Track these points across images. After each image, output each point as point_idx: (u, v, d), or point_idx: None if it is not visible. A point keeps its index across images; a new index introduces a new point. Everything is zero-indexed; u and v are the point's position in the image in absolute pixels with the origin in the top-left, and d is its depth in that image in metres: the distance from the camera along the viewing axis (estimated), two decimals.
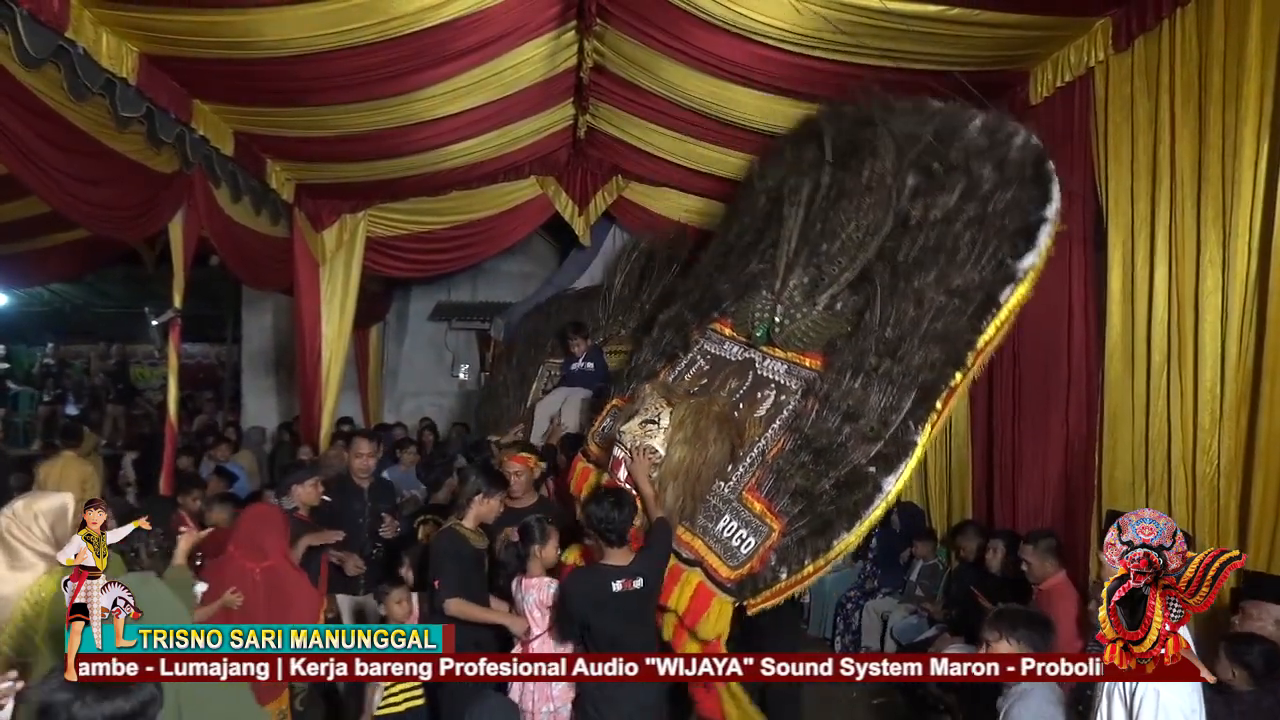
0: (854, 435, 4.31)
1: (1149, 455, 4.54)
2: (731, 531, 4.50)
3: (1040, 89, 5.54)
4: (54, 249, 8.75)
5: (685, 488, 4.68)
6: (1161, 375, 4.50)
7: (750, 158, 7.39)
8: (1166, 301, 4.48)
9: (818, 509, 4.27)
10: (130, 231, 6.44)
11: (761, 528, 4.40)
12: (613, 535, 3.97)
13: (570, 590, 3.98)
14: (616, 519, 3.97)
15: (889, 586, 7.10)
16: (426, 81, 6.04)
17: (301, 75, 5.63)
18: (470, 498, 4.56)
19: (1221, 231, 4.13)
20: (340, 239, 8.62)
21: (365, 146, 7.01)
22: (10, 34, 4.11)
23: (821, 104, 6.03)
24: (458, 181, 8.36)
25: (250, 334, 11.99)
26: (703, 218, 8.96)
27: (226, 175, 6.70)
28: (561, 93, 7.14)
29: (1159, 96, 4.56)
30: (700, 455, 4.74)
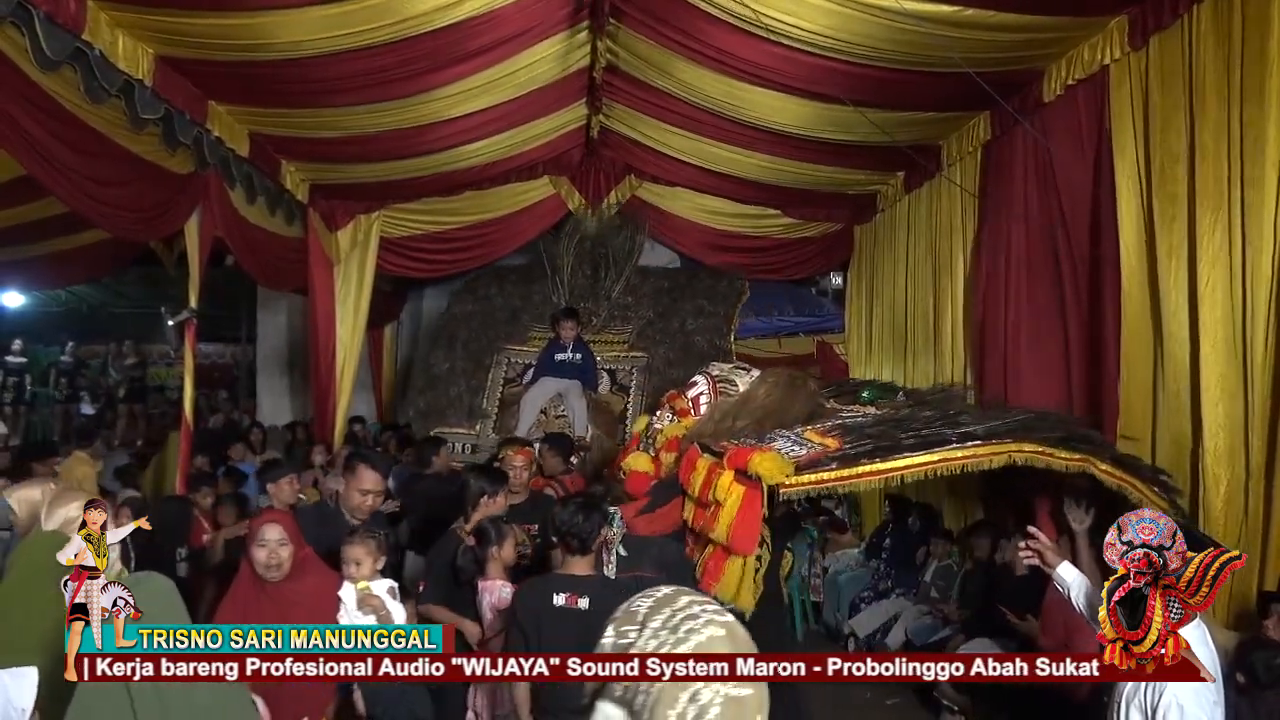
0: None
1: (1176, 458, 4.50)
2: (780, 447, 4.32)
3: (1054, 87, 5.49)
4: (74, 251, 8.81)
5: (747, 417, 4.63)
6: (1184, 376, 4.45)
7: (765, 158, 7.38)
8: (1186, 302, 4.43)
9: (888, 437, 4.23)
10: (146, 233, 6.48)
11: (815, 446, 4.25)
12: (574, 542, 3.55)
13: (518, 599, 3.63)
14: (580, 524, 3.55)
15: (903, 587, 7.08)
16: (439, 82, 6.05)
17: (315, 76, 5.65)
18: (475, 501, 4.42)
19: (1242, 231, 4.09)
20: (354, 239, 8.66)
21: (379, 147, 7.04)
22: (27, 36, 4.13)
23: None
24: (471, 182, 8.37)
25: (265, 334, 12.04)
26: (717, 217, 8.95)
27: (242, 176, 6.73)
28: (575, 92, 7.15)
29: (1176, 94, 4.51)
30: (779, 403, 4.71)
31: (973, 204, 6.63)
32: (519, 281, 8.87)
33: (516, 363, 8.04)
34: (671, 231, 9.15)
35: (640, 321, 8.27)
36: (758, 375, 5.06)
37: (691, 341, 8.04)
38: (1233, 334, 4.13)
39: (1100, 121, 5.11)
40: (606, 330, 8.25)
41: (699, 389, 4.95)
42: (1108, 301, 5.05)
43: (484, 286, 8.90)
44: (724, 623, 1.23)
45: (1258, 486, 4.06)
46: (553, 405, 7.37)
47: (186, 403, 6.64)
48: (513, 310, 8.46)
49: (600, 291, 8.44)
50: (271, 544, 3.37)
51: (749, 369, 5.14)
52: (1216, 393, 4.20)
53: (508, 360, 8.08)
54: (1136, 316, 4.80)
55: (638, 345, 8.11)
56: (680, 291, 8.58)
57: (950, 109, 6.36)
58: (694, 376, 5.18)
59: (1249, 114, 4.04)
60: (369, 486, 4.20)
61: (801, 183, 8.00)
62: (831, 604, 7.65)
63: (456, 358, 8.21)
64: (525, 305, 8.56)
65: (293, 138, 6.91)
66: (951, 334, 6.94)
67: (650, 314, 8.34)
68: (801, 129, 6.66)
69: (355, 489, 4.21)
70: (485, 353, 8.16)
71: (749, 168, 7.69)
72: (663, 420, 5.03)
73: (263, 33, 5.04)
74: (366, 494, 4.18)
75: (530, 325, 8.31)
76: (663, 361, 7.93)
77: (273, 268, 8.03)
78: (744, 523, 3.96)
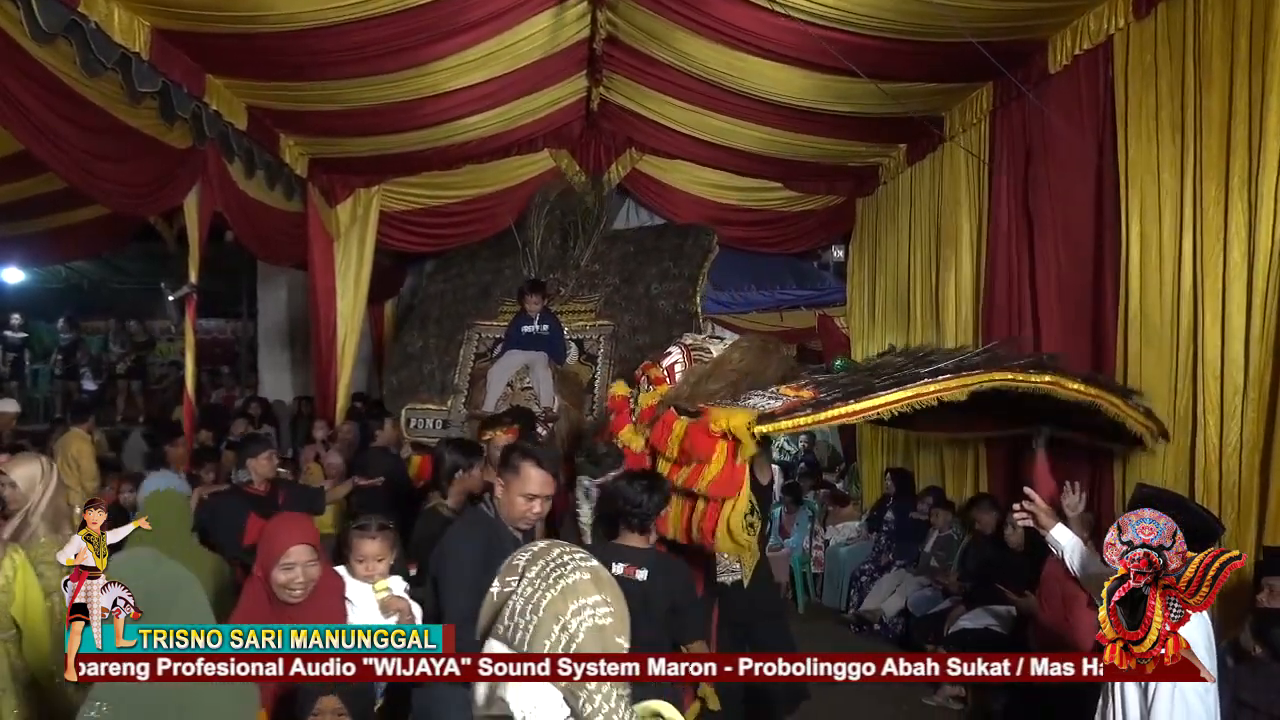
0: None
1: (1173, 428, 4.51)
2: (756, 403, 4.39)
3: (1059, 58, 5.45)
4: (73, 227, 8.79)
5: (721, 379, 4.66)
6: (1186, 348, 4.45)
7: (766, 130, 7.33)
8: (1191, 273, 4.42)
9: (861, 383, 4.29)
10: (145, 207, 6.46)
11: (791, 399, 4.30)
12: (635, 520, 3.66)
13: None
14: (646, 504, 3.64)
15: (904, 559, 7.12)
16: (437, 54, 6.01)
17: (313, 49, 5.61)
18: (450, 476, 4.35)
19: (1248, 201, 4.07)
20: (354, 214, 8.63)
21: (378, 120, 7.00)
22: (22, 8, 4.10)
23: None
24: (471, 155, 8.33)
25: (265, 309, 12.02)
26: (718, 191, 8.91)
27: (241, 150, 6.70)
28: (574, 65, 7.10)
29: (1182, 64, 4.48)
30: (753, 366, 4.74)
31: (977, 176, 6.60)
32: (491, 257, 8.74)
33: (487, 338, 7.99)
34: (671, 205, 9.11)
35: (607, 289, 8.17)
36: (730, 341, 5.05)
37: (656, 307, 7.95)
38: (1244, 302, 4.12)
39: (1105, 91, 5.07)
40: (575, 299, 8.14)
41: (674, 358, 4.95)
42: (1108, 271, 5.04)
43: (457, 264, 8.84)
44: (589, 568, 1.46)
45: (1251, 458, 4.08)
46: (519, 378, 7.30)
47: (188, 378, 6.66)
48: (484, 286, 8.36)
49: (569, 260, 8.32)
50: (300, 565, 2.91)
51: (722, 338, 5.17)
52: (1215, 362, 4.23)
53: (479, 335, 8.04)
54: (1140, 285, 4.78)
55: (604, 313, 8.02)
56: (646, 255, 8.43)
57: (953, 80, 6.31)
58: (669, 347, 5.17)
59: (1254, 83, 4.02)
60: (536, 490, 3.19)
61: (803, 155, 7.95)
62: (833, 577, 7.70)
63: (429, 335, 8.20)
64: (496, 280, 8.43)
65: (291, 111, 6.86)
66: (955, 306, 6.93)
67: (616, 280, 8.22)
68: (803, 101, 6.61)
69: (519, 493, 3.19)
70: (457, 329, 8.13)
71: (750, 140, 7.65)
72: (643, 389, 5.02)
73: (259, 4, 5.01)
74: (533, 499, 3.20)
75: (501, 300, 8.19)
76: (628, 329, 7.86)
77: (272, 242, 8.01)
78: (724, 473, 4.06)
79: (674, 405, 4.56)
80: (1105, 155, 5.06)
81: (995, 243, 6.25)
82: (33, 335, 15.07)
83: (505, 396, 7.16)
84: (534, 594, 1.42)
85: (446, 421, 7.51)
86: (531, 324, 7.37)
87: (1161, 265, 4.62)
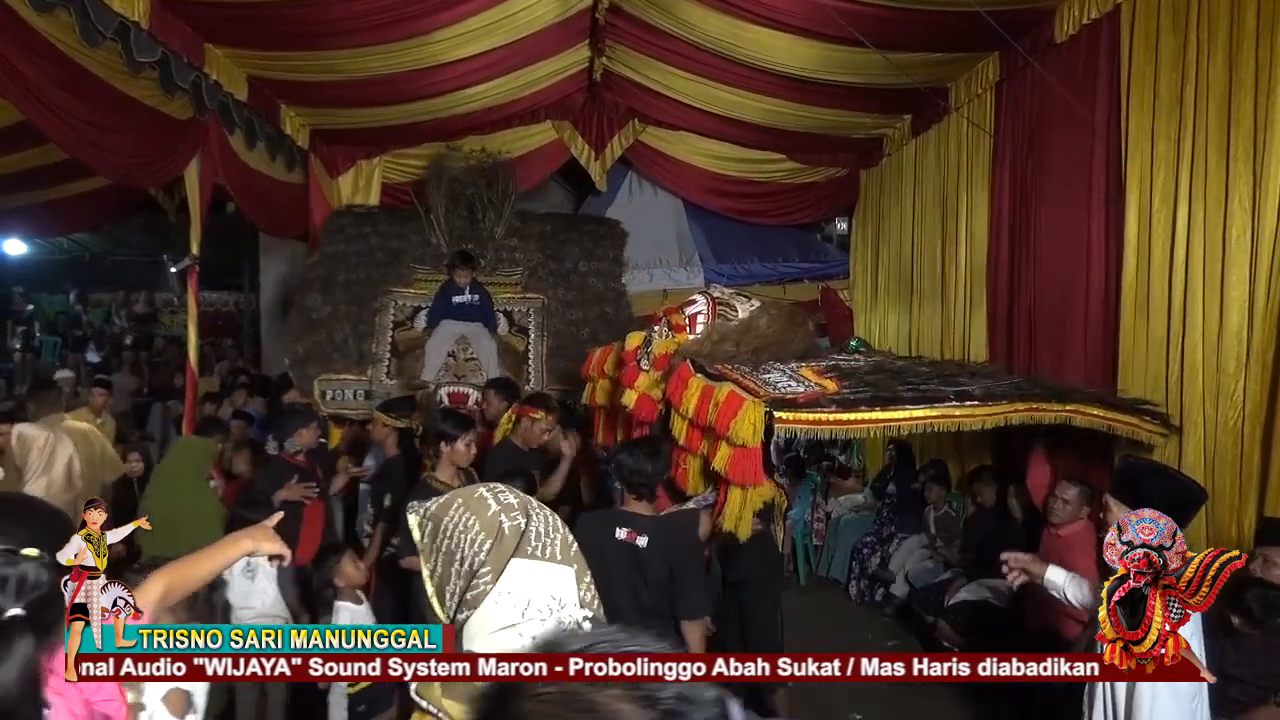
0: None
1: (1167, 400, 4.50)
2: (776, 381, 4.31)
3: (1065, 27, 5.39)
4: (74, 198, 8.78)
5: (745, 345, 4.59)
6: (1181, 319, 4.43)
7: (770, 101, 7.28)
8: (1195, 244, 4.38)
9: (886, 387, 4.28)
10: (146, 178, 6.45)
11: (813, 387, 4.23)
12: (641, 489, 3.67)
13: (581, 530, 3.54)
14: (649, 471, 3.66)
15: (905, 532, 7.14)
16: (439, 24, 5.97)
17: (313, 18, 5.58)
18: (438, 448, 4.37)
19: (1252, 173, 4.04)
20: (356, 185, 8.62)
21: (379, 91, 6.96)
22: None
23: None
24: (473, 126, 8.29)
25: (268, 281, 12.02)
26: (720, 162, 8.86)
27: (241, 121, 6.67)
28: (577, 34, 7.04)
29: (1187, 33, 4.42)
30: (779, 335, 4.70)
31: (983, 147, 6.55)
32: (389, 221, 8.27)
33: (404, 305, 7.78)
34: (674, 176, 9.08)
35: (530, 264, 8.10)
36: (759, 304, 4.97)
37: (587, 283, 8.00)
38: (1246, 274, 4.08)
39: (1112, 61, 5.02)
40: (496, 272, 7.99)
41: (698, 307, 4.83)
42: (1111, 242, 5.01)
43: (352, 225, 8.19)
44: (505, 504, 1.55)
45: (1253, 431, 4.08)
46: (460, 349, 7.20)
47: (191, 350, 6.66)
48: (393, 251, 8.03)
49: (482, 233, 8.07)
50: None
51: (749, 297, 5.06)
52: (1213, 334, 4.22)
53: (395, 303, 7.77)
54: (1136, 257, 4.75)
55: (531, 287, 7.98)
56: (566, 235, 8.40)
57: (959, 49, 6.25)
58: (693, 295, 5.07)
59: (1263, 53, 3.98)
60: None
61: (806, 126, 7.90)
62: (835, 550, 7.72)
63: (337, 300, 7.67)
64: (405, 246, 8.11)
65: (291, 81, 6.83)
66: (959, 279, 6.90)
67: (539, 256, 8.15)
68: (808, 71, 6.56)
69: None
70: (370, 295, 7.74)
71: (754, 111, 7.60)
72: (662, 334, 4.91)
73: None
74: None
75: (415, 268, 7.97)
76: (560, 303, 7.88)
77: (274, 214, 7.99)
78: (740, 460, 3.93)
79: (691, 359, 4.48)
80: (1111, 126, 5.01)
81: (1000, 215, 6.22)
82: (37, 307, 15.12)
83: (447, 367, 7.10)
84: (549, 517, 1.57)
85: (369, 393, 7.19)
86: (462, 294, 7.26)
87: (1160, 236, 4.59)
